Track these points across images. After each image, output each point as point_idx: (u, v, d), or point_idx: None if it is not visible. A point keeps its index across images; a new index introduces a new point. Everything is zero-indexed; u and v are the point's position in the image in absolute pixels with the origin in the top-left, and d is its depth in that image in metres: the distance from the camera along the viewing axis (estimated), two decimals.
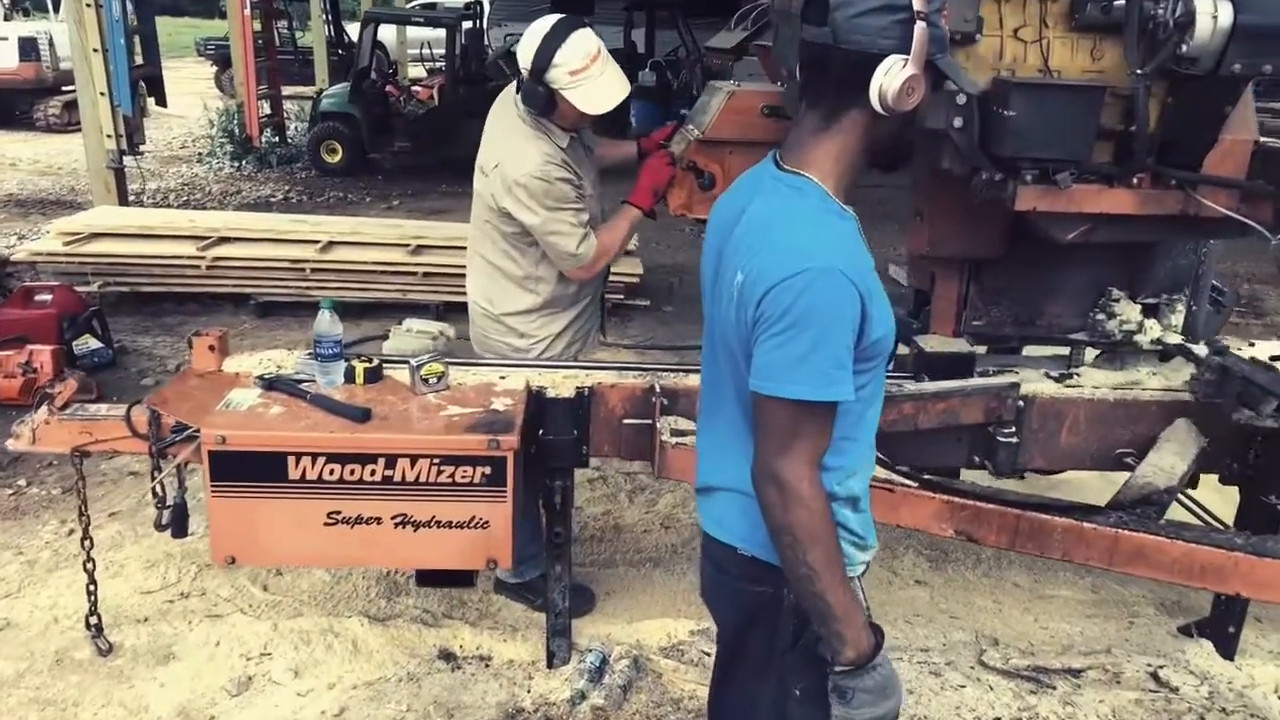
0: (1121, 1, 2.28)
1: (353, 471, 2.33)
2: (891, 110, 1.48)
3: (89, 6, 6.95)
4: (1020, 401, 2.71)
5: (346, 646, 2.92)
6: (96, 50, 7.02)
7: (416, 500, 2.36)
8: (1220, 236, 2.71)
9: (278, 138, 11.77)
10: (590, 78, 2.73)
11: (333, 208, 9.42)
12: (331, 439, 2.33)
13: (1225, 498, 2.93)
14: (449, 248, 6.35)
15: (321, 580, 3.28)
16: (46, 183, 10.31)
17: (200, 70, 19.02)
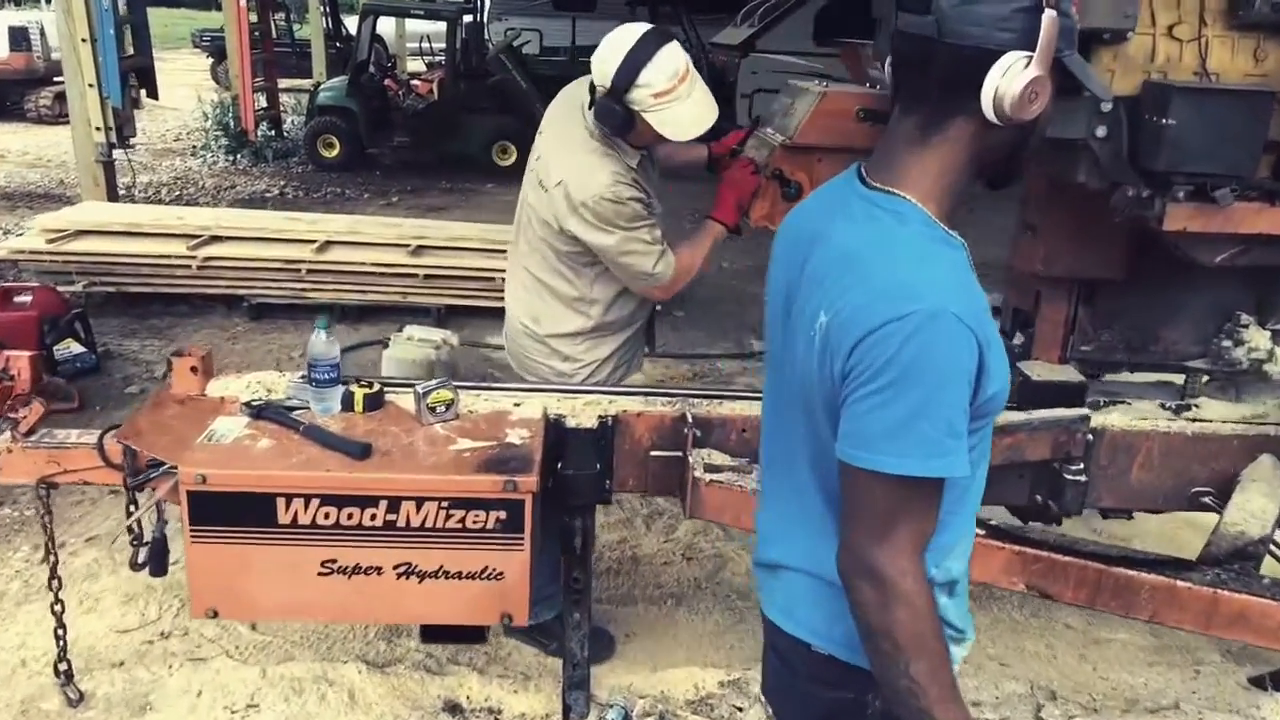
0: None
1: (351, 515, 2.05)
2: (1008, 119, 1.21)
3: None
4: (1090, 435, 2.45)
5: (342, 697, 2.65)
6: (85, 40, 6.72)
7: (422, 548, 2.07)
8: None
9: (273, 131, 11.55)
10: (677, 99, 2.41)
11: (329, 204, 9.15)
12: (327, 478, 2.05)
13: None
14: (450, 249, 6.11)
15: None
16: (36, 175, 10.03)
17: (196, 62, 18.78)
